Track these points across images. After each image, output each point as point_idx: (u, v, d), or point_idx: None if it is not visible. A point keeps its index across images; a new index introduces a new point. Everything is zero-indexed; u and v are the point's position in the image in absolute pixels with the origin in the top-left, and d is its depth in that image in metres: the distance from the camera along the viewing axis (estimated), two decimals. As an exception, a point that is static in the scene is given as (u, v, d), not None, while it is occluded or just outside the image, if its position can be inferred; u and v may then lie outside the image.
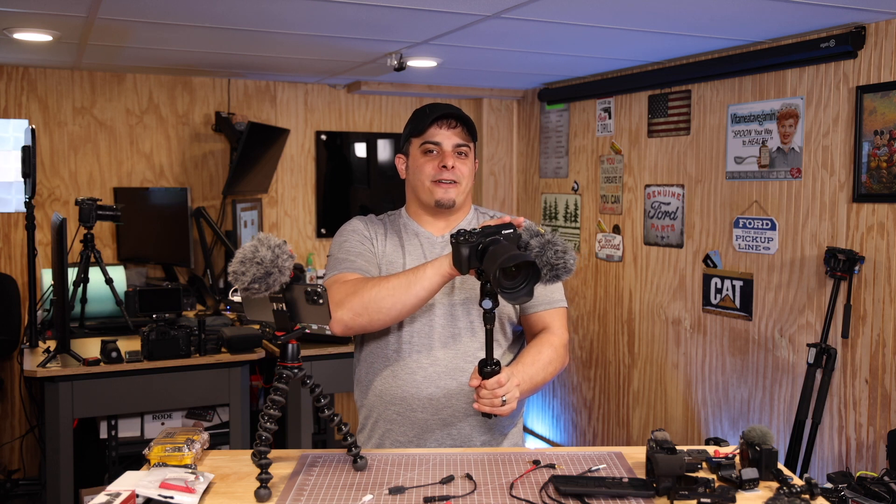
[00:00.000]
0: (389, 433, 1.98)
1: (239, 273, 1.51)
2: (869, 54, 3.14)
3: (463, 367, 1.94)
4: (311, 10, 2.95)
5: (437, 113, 1.98)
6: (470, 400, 1.91)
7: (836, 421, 3.29)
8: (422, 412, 1.95)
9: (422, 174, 2.00)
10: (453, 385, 1.94)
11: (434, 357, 1.95)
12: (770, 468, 1.62)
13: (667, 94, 4.14)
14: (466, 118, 2.01)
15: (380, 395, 1.99)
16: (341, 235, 2.05)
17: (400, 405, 1.96)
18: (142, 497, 1.50)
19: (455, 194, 1.99)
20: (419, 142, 2.01)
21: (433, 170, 1.98)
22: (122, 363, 3.26)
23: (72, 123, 4.56)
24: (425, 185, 2.00)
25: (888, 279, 3.08)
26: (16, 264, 4.45)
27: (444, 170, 1.97)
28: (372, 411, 2.02)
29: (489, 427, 1.99)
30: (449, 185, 1.98)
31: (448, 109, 2.00)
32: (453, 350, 1.95)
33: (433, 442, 1.96)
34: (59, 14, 3.07)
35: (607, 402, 4.66)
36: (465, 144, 2.00)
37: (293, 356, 1.65)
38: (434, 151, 1.99)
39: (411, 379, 1.95)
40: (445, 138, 1.98)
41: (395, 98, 5.24)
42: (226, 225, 4.76)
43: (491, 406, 1.70)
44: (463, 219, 2.09)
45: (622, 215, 4.49)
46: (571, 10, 2.94)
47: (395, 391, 1.96)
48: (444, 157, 1.98)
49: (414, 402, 1.95)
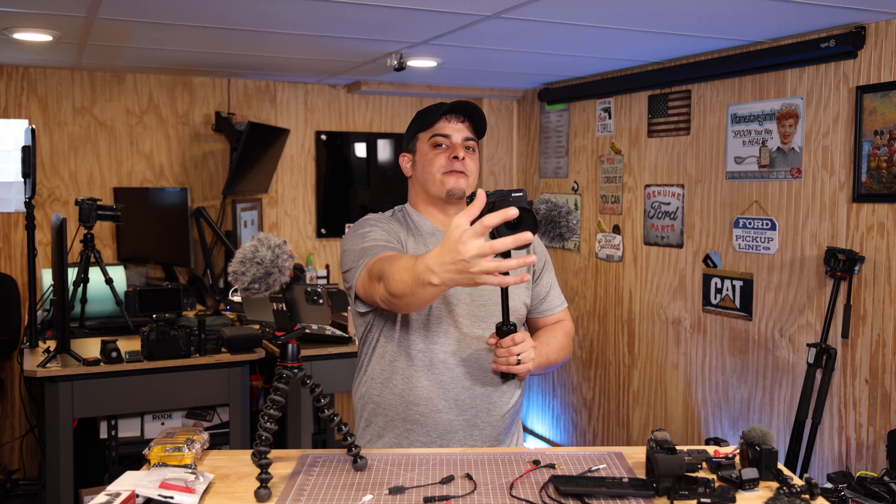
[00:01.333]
0: (409, 433, 1.96)
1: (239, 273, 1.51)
2: (869, 54, 3.14)
3: (488, 368, 1.94)
4: (311, 10, 2.95)
5: (447, 108, 1.98)
6: (493, 399, 1.96)
7: (836, 421, 3.29)
8: (447, 413, 1.94)
9: (432, 167, 1.99)
10: (478, 386, 1.95)
11: (460, 357, 1.94)
12: (770, 468, 1.62)
13: (667, 94, 4.14)
14: (477, 111, 2.01)
15: (400, 395, 1.96)
16: (362, 227, 1.96)
17: (425, 405, 1.94)
18: (142, 497, 1.50)
19: (465, 185, 2.00)
20: (427, 136, 2.00)
21: (444, 160, 1.97)
22: (122, 363, 3.26)
23: (72, 123, 4.56)
24: (436, 177, 1.98)
25: (888, 279, 3.08)
26: (16, 264, 4.45)
27: (455, 160, 1.97)
28: (387, 410, 1.98)
29: (506, 428, 2.01)
30: (460, 175, 1.98)
31: (458, 105, 1.99)
32: (479, 350, 1.95)
33: (456, 443, 1.95)
34: (59, 14, 3.07)
35: (607, 402, 4.66)
36: (472, 139, 2.01)
37: (293, 356, 1.64)
38: (444, 144, 1.98)
39: (437, 380, 1.94)
40: (455, 131, 1.99)
41: (395, 98, 5.24)
42: (226, 225, 4.76)
43: (507, 364, 1.82)
44: None
45: (622, 215, 4.49)
46: (571, 10, 2.94)
47: (419, 391, 1.94)
48: (454, 148, 1.98)
49: (440, 403, 1.93)
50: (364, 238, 1.91)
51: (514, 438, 2.08)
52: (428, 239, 2.02)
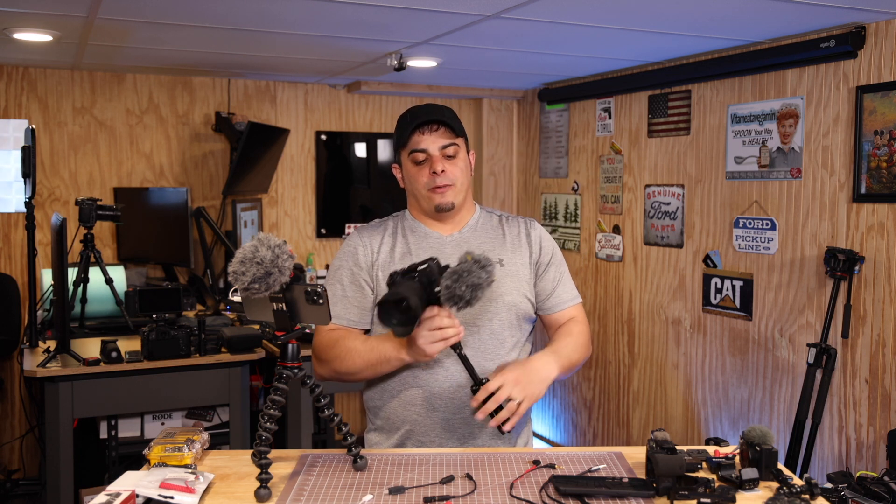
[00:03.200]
0: (412, 434, 1.97)
1: (239, 273, 1.51)
2: (869, 54, 3.14)
3: (483, 365, 1.94)
4: (311, 10, 2.95)
5: (416, 121, 1.98)
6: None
7: (836, 421, 3.29)
8: (444, 411, 1.95)
9: (417, 184, 2.01)
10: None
11: (454, 356, 1.93)
12: (770, 468, 1.62)
13: (667, 94, 4.14)
14: (447, 114, 1.99)
15: (399, 396, 1.98)
16: (337, 259, 2.06)
17: (421, 405, 1.96)
18: (142, 497, 1.50)
19: (452, 196, 1.99)
20: (406, 152, 2.01)
21: (426, 177, 1.98)
22: (122, 363, 3.26)
23: (72, 123, 4.56)
24: (422, 193, 2.00)
25: (888, 279, 3.08)
26: (16, 264, 4.45)
27: (435, 175, 1.96)
28: (392, 412, 2.00)
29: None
30: (444, 189, 1.98)
31: (426, 116, 1.98)
32: (473, 348, 1.94)
33: (455, 441, 1.96)
34: (59, 14, 3.07)
35: (607, 402, 4.66)
36: (451, 144, 1.98)
37: (293, 356, 1.65)
38: (422, 159, 1.98)
39: (432, 378, 1.95)
40: (430, 143, 1.97)
41: (395, 98, 5.24)
42: (226, 225, 4.76)
43: (496, 416, 1.76)
44: (469, 219, 2.09)
45: (622, 215, 4.49)
46: (571, 10, 2.94)
47: (415, 391, 1.96)
48: (432, 163, 1.97)
49: (436, 402, 1.95)
50: (331, 276, 2.05)
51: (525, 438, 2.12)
52: (420, 241, 2.04)
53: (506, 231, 2.09)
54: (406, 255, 2.01)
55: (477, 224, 2.09)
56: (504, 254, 2.04)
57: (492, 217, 2.12)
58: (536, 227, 2.12)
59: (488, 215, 2.12)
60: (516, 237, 2.08)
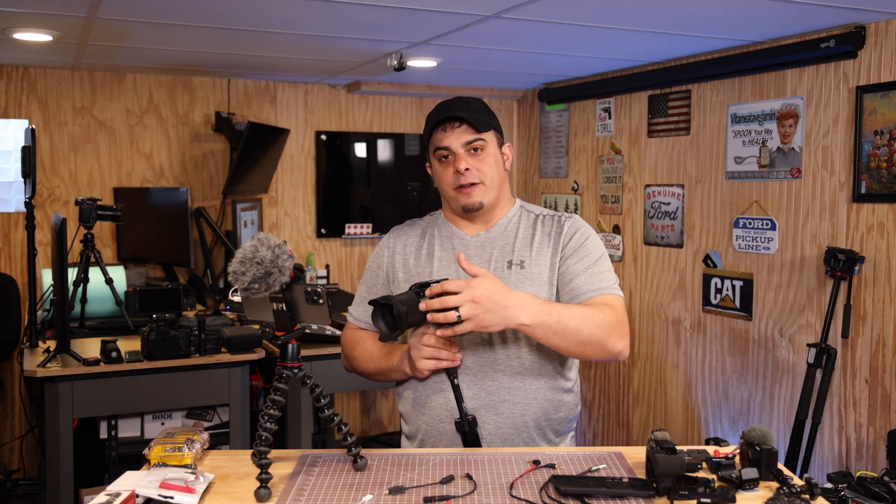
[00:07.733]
0: (425, 443, 1.96)
1: (239, 273, 1.51)
2: (869, 54, 3.14)
3: (493, 376, 1.90)
4: (311, 10, 2.95)
5: (437, 118, 1.92)
6: (501, 403, 1.90)
7: (836, 421, 3.29)
8: (449, 423, 1.91)
9: (444, 183, 1.93)
10: (483, 393, 1.91)
11: (465, 366, 1.90)
12: (770, 468, 1.62)
13: (667, 94, 4.14)
14: (464, 114, 1.91)
15: (414, 404, 1.97)
16: (369, 259, 2.10)
17: (429, 415, 1.94)
18: (142, 497, 1.50)
19: (480, 195, 1.90)
20: (432, 149, 1.95)
21: (451, 177, 1.90)
22: (122, 363, 3.25)
23: (72, 123, 4.56)
24: (450, 193, 1.93)
25: (888, 279, 3.08)
26: (16, 264, 4.45)
27: (460, 174, 1.89)
28: (414, 422, 1.99)
29: (542, 433, 2.03)
30: (470, 188, 1.89)
31: (447, 111, 1.92)
32: (483, 357, 1.90)
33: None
34: (59, 14, 3.07)
35: (607, 402, 4.66)
36: (477, 139, 1.90)
37: (293, 356, 1.64)
38: (447, 157, 1.91)
39: (438, 388, 1.92)
40: (453, 140, 1.90)
41: (395, 98, 5.24)
42: (226, 225, 4.76)
43: (444, 317, 1.62)
44: (503, 216, 1.99)
45: (622, 215, 4.49)
46: (571, 10, 2.94)
47: (424, 400, 1.95)
48: (456, 160, 1.89)
49: (442, 413, 1.92)
50: (363, 276, 2.10)
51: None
52: (445, 242, 1.99)
53: (537, 230, 1.96)
54: (430, 256, 1.97)
55: (509, 223, 1.98)
56: (527, 255, 1.93)
57: (529, 216, 2.00)
58: (572, 220, 1.97)
59: (526, 214, 2.00)
60: (546, 236, 1.95)
